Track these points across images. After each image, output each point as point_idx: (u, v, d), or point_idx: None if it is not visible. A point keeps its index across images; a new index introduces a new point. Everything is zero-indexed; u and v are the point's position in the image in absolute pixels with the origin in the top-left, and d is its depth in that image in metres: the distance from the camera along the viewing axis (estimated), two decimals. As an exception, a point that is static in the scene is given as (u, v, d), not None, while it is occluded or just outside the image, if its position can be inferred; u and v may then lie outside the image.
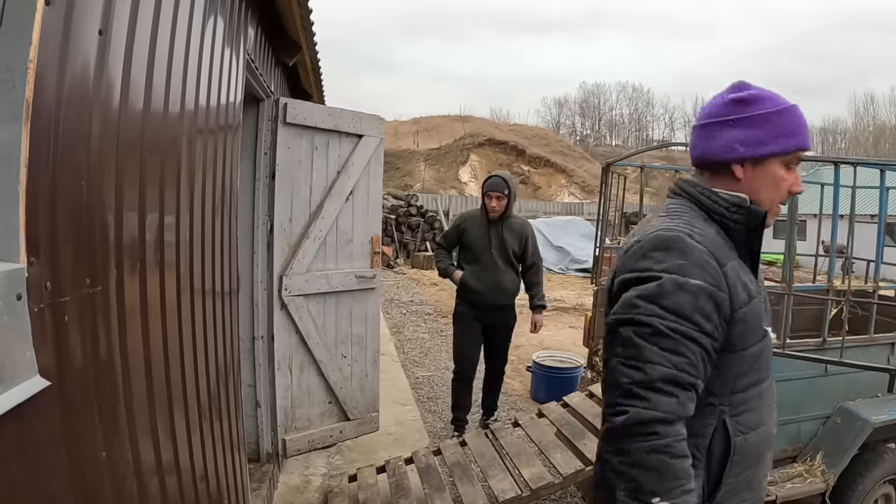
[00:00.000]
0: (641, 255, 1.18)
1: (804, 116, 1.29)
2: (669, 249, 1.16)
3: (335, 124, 3.39)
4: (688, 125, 67.84)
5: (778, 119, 1.24)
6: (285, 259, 3.30)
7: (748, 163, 1.25)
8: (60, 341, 0.96)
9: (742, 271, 1.23)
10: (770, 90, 1.31)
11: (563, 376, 5.28)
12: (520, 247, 4.22)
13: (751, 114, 1.25)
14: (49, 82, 0.93)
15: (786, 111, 1.25)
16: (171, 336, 1.51)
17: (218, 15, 1.88)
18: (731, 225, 1.25)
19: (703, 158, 1.31)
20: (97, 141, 1.10)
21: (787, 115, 1.25)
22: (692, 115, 69.64)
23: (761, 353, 1.25)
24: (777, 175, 1.26)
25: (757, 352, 1.23)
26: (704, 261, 1.15)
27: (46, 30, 0.89)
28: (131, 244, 1.26)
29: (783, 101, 1.28)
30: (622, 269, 1.23)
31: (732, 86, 1.33)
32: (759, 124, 1.24)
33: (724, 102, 1.29)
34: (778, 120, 1.24)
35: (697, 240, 1.17)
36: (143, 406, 1.30)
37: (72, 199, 1.03)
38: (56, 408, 0.93)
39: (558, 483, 2.93)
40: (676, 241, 1.17)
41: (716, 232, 1.24)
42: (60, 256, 0.99)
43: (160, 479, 1.40)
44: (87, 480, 1.05)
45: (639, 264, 1.18)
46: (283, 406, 3.44)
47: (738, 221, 1.25)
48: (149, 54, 1.31)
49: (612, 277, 1.27)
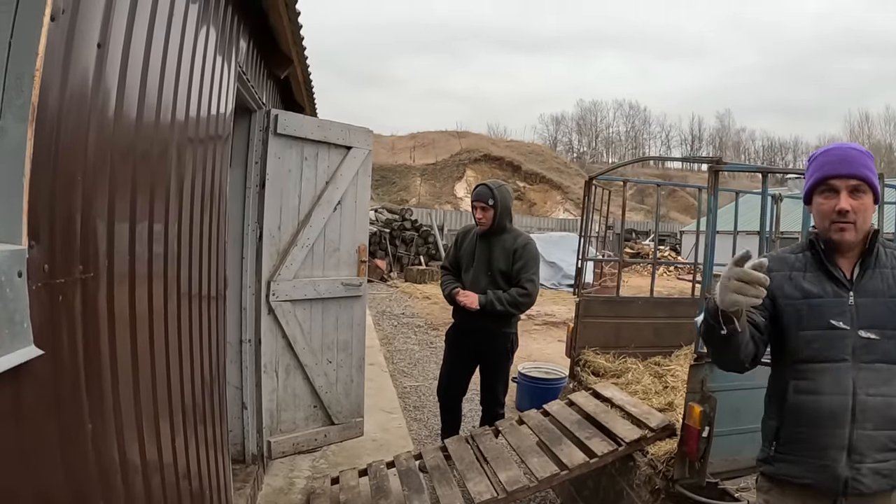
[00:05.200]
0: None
1: (837, 153, 1.67)
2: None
3: (324, 136, 3.53)
4: (684, 143, 68.56)
5: (812, 164, 1.70)
6: (273, 265, 3.41)
7: (807, 204, 1.75)
8: (54, 317, 1.08)
9: (806, 279, 1.68)
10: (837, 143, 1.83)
11: (548, 387, 5.37)
12: (507, 264, 3.73)
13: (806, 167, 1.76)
14: (52, 89, 1.06)
15: (819, 156, 1.70)
16: (156, 319, 1.63)
17: (210, 28, 2.02)
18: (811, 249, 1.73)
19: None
20: (93, 142, 1.23)
21: (820, 158, 1.68)
22: (688, 133, 70.44)
23: (823, 338, 1.63)
24: (817, 204, 1.68)
25: (813, 336, 1.64)
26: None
27: (51, 43, 1.01)
28: (122, 239, 1.38)
29: (822, 150, 1.74)
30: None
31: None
32: (805, 173, 1.74)
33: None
34: (812, 165, 1.70)
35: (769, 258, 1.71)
36: (128, 385, 1.41)
37: (69, 194, 1.15)
38: (48, 374, 1.05)
39: (533, 486, 3.02)
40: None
41: (793, 253, 1.77)
42: (57, 244, 1.11)
43: (140, 450, 1.51)
44: (73, 444, 1.17)
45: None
46: (269, 409, 3.53)
47: (806, 247, 1.75)
48: (143, 65, 1.44)
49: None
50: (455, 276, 4.00)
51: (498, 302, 3.68)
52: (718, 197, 2.87)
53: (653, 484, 2.92)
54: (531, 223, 27.01)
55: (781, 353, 1.74)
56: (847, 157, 1.63)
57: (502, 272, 3.76)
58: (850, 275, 1.67)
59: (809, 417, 1.64)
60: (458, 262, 4.01)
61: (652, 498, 2.90)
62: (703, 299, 2.84)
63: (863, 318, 1.62)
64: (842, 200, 1.60)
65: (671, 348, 4.22)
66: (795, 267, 1.73)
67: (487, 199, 3.71)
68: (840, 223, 1.61)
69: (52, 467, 1.10)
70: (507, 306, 3.69)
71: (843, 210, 1.59)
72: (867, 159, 1.65)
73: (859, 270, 1.67)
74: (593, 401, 3.58)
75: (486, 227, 3.78)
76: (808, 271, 1.70)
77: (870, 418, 1.59)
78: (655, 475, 2.91)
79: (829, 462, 1.61)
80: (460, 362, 3.99)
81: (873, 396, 1.59)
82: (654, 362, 4.11)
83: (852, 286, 1.65)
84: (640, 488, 3.02)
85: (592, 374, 4.05)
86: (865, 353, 1.61)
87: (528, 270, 3.73)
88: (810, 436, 1.64)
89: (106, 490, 1.31)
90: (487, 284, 3.77)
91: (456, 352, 4.00)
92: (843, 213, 1.60)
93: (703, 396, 2.63)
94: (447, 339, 4.13)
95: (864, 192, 1.62)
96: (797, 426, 1.66)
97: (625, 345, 4.26)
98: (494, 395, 3.96)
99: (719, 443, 2.63)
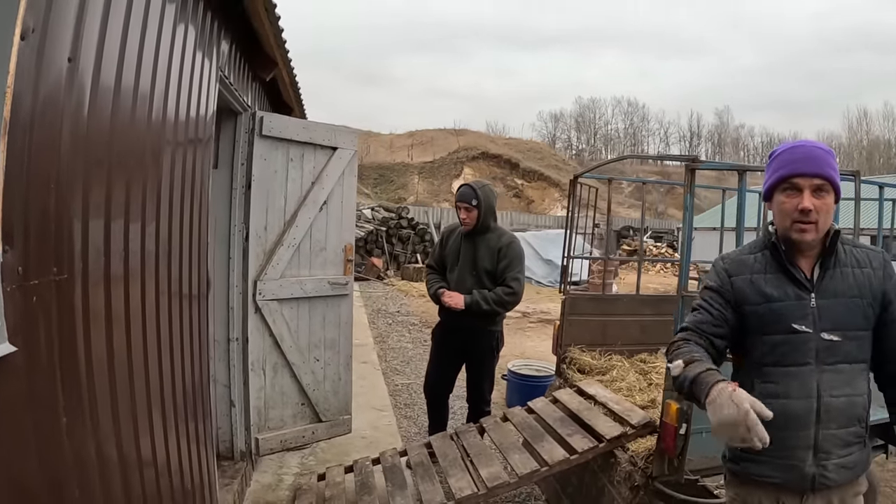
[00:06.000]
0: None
1: (802, 151, 1.65)
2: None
3: (310, 137, 3.58)
4: (683, 139, 68.61)
5: (774, 161, 1.68)
6: (260, 265, 3.47)
7: (766, 200, 1.73)
8: (29, 316, 1.15)
9: (767, 282, 1.67)
10: (802, 140, 1.79)
11: (538, 384, 5.41)
12: (492, 263, 3.78)
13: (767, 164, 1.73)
14: (24, 103, 1.12)
15: (783, 153, 1.67)
16: (133, 318, 1.69)
17: (188, 34, 2.07)
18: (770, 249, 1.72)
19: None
20: (66, 151, 1.29)
21: (784, 156, 1.66)
22: (687, 130, 70.49)
23: (786, 343, 1.64)
24: (778, 202, 1.66)
25: (777, 340, 1.65)
26: (716, 271, 1.78)
27: (21, 60, 1.07)
28: (96, 242, 1.44)
29: (784, 146, 1.71)
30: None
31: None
32: (766, 170, 1.72)
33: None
34: (775, 162, 1.67)
35: (723, 261, 1.79)
36: (104, 381, 1.48)
37: (42, 202, 1.22)
38: (22, 370, 1.12)
39: (514, 483, 3.06)
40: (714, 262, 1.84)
41: (750, 254, 1.76)
42: (31, 248, 1.17)
43: (117, 443, 1.57)
44: (48, 437, 1.23)
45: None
46: (257, 406, 3.59)
47: (763, 246, 1.75)
48: (116, 74, 1.50)
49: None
50: (440, 275, 4.05)
51: (483, 301, 3.72)
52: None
53: (633, 480, 2.95)
54: (529, 220, 27.07)
55: (744, 354, 1.75)
56: (812, 156, 1.62)
57: (487, 271, 3.80)
58: (810, 275, 1.66)
59: (776, 420, 1.56)
60: (443, 261, 4.06)
61: (632, 494, 2.94)
62: (679, 297, 2.87)
63: (825, 321, 1.62)
64: (805, 199, 1.59)
65: (658, 345, 4.23)
66: (755, 269, 1.71)
67: (471, 200, 3.76)
68: (802, 223, 1.60)
69: (27, 457, 1.16)
70: (492, 305, 3.74)
71: (806, 209, 1.58)
72: (831, 159, 1.64)
73: (819, 271, 1.66)
74: (577, 398, 3.63)
75: (471, 227, 3.82)
76: (769, 273, 1.69)
77: (834, 418, 1.62)
78: (635, 472, 2.95)
79: (797, 462, 1.63)
80: (446, 360, 4.05)
81: (837, 398, 1.62)
82: (640, 359, 4.16)
83: (813, 287, 1.65)
84: (620, 485, 3.06)
85: (578, 371, 4.09)
86: (828, 356, 1.62)
87: (513, 269, 3.78)
88: (777, 438, 1.58)
89: (82, 480, 1.37)
90: (473, 283, 3.81)
91: (442, 350, 4.06)
92: (806, 212, 1.58)
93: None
94: (433, 336, 4.20)
95: (826, 192, 1.61)
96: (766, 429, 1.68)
97: (611, 342, 4.29)
98: (480, 393, 4.02)
99: (698, 440, 2.65)
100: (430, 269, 4.19)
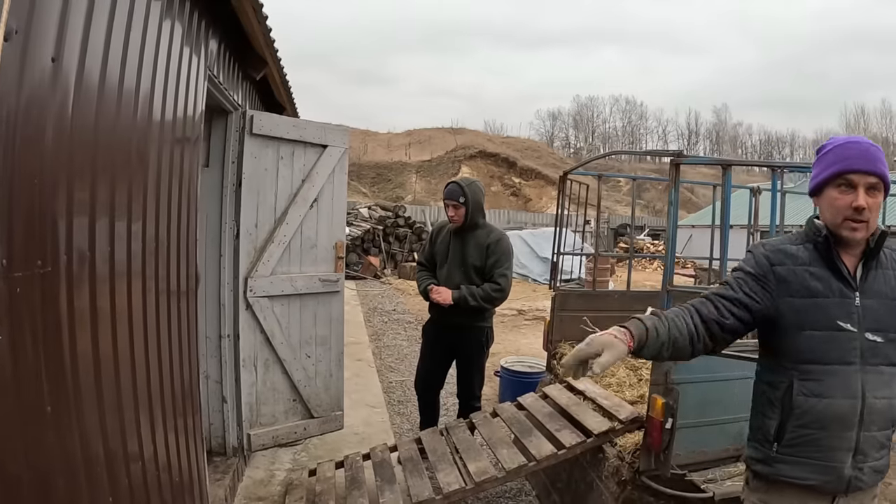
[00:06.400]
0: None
1: (857, 148, 1.59)
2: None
3: (300, 135, 3.61)
4: (681, 137, 68.68)
5: (826, 156, 1.62)
6: (251, 262, 3.50)
7: (813, 195, 1.66)
8: (13, 307, 1.19)
9: (811, 276, 1.62)
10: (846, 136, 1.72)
11: (530, 380, 5.44)
12: (481, 260, 3.81)
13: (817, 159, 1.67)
14: (8, 102, 1.16)
15: (836, 148, 1.61)
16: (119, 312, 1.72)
17: (174, 33, 2.10)
18: (816, 242, 1.65)
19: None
20: (50, 148, 1.32)
21: (838, 151, 1.60)
22: (685, 128, 70.58)
23: (830, 340, 1.59)
24: (830, 198, 1.60)
25: (820, 337, 1.59)
26: (755, 257, 1.69)
27: (5, 61, 1.11)
28: (81, 237, 1.47)
29: (837, 141, 1.65)
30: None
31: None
32: (816, 164, 1.65)
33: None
34: (827, 156, 1.62)
35: (763, 247, 1.71)
36: (88, 373, 1.51)
37: (26, 197, 1.25)
38: (7, 360, 1.16)
39: (501, 477, 3.09)
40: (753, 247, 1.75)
41: (793, 244, 1.68)
42: (15, 242, 1.21)
43: (103, 435, 1.60)
44: (32, 424, 1.27)
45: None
46: (249, 402, 3.62)
47: (807, 238, 1.68)
48: (101, 72, 1.53)
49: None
50: (430, 272, 4.08)
51: (471, 297, 3.76)
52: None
53: (620, 475, 2.98)
54: (526, 218, 27.14)
55: (780, 351, 1.67)
56: (867, 153, 1.58)
57: (476, 267, 3.83)
58: (853, 273, 1.63)
59: (818, 420, 1.60)
60: (433, 258, 4.08)
61: (619, 489, 2.96)
62: (664, 292, 2.90)
63: (869, 320, 1.60)
64: (860, 197, 1.54)
65: (650, 341, 4.28)
66: (799, 261, 1.65)
67: (458, 197, 3.78)
68: (855, 221, 1.56)
69: (11, 446, 1.20)
70: (480, 301, 3.77)
71: (861, 207, 1.54)
72: (883, 156, 1.61)
73: (863, 270, 1.63)
74: (566, 393, 3.66)
75: (459, 225, 3.85)
76: (813, 266, 1.63)
77: (875, 420, 1.60)
78: (623, 466, 2.98)
79: (837, 463, 1.60)
80: (437, 356, 4.08)
81: (879, 399, 1.59)
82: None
83: (857, 286, 1.61)
84: (608, 479, 3.09)
85: (569, 367, 4.12)
86: (871, 356, 1.59)
87: (501, 266, 3.81)
88: (817, 438, 1.60)
89: (67, 471, 1.41)
90: (461, 280, 3.84)
91: (432, 346, 4.09)
92: (861, 210, 1.54)
93: (667, 389, 2.68)
94: (424, 333, 4.22)
95: (878, 191, 1.58)
96: (803, 428, 1.61)
97: (603, 338, 4.32)
98: (470, 389, 4.05)
99: (685, 435, 2.68)
100: (420, 266, 4.21)
